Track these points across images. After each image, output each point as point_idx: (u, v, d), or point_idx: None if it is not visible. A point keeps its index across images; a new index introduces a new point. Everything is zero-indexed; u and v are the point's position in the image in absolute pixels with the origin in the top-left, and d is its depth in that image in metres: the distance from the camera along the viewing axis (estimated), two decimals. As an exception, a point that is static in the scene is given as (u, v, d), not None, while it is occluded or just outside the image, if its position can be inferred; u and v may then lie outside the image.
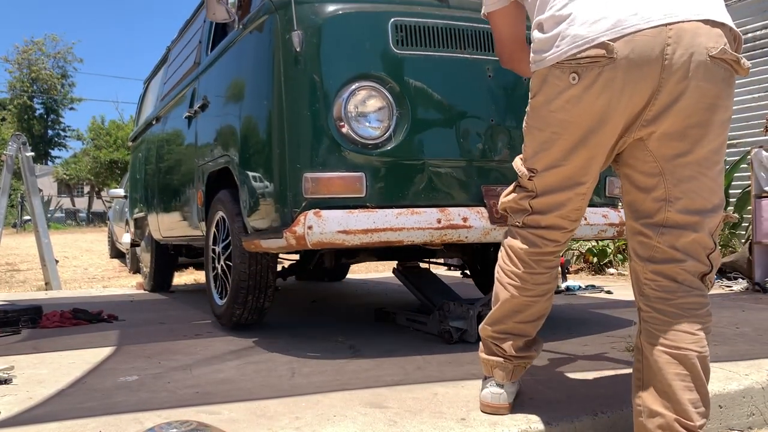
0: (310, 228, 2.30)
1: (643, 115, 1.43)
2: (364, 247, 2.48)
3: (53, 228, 23.90)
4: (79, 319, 3.53)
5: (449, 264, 5.30)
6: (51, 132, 45.86)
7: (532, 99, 1.57)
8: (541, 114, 1.53)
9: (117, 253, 10.59)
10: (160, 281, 5.25)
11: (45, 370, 2.37)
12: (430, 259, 3.64)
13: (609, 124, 1.45)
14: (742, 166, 5.52)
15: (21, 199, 27.04)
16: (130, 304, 4.42)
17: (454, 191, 2.55)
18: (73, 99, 45.79)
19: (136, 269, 7.42)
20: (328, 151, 2.41)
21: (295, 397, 1.91)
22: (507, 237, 1.71)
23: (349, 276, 6.08)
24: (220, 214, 3.14)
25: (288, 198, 2.42)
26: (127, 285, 6.44)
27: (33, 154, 6.93)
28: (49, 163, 46.24)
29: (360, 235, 2.33)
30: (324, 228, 2.30)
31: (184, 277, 6.75)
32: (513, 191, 1.68)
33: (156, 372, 2.29)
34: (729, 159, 5.52)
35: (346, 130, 2.40)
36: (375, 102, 2.43)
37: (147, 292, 5.28)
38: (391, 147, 2.45)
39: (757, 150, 4.65)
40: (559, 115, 1.48)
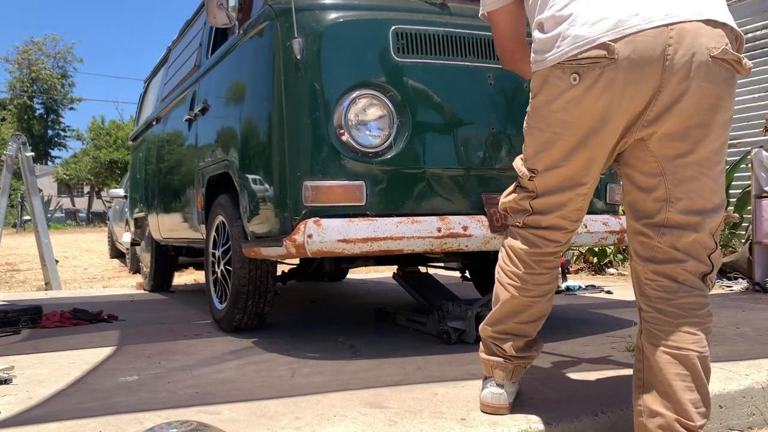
0: (310, 237, 2.29)
1: (644, 116, 1.43)
2: (364, 255, 2.48)
3: (53, 228, 23.90)
4: (79, 319, 3.53)
5: (448, 267, 5.29)
6: (51, 132, 45.87)
7: (532, 99, 1.56)
8: (542, 114, 1.53)
9: (117, 253, 10.59)
10: (160, 281, 5.25)
11: (45, 370, 2.37)
12: (429, 263, 3.64)
13: (610, 124, 1.45)
14: (742, 166, 5.52)
15: (21, 199, 27.05)
16: (130, 304, 4.42)
17: (454, 199, 2.54)
18: (73, 99, 45.83)
19: (136, 269, 7.41)
20: (329, 160, 2.40)
21: (295, 397, 1.91)
22: (507, 237, 1.71)
23: (349, 276, 6.08)
24: (220, 218, 3.14)
25: (288, 206, 2.42)
26: (127, 285, 6.43)
27: (33, 154, 6.93)
28: (49, 163, 46.25)
29: (360, 244, 2.32)
30: (324, 237, 2.30)
31: (184, 277, 6.75)
32: (513, 191, 1.68)
33: (156, 372, 2.29)
34: (729, 159, 5.52)
35: (346, 138, 2.40)
36: (376, 110, 2.43)
37: (147, 292, 5.28)
38: (392, 155, 2.45)
39: (757, 150, 4.64)
40: (560, 115, 1.48)
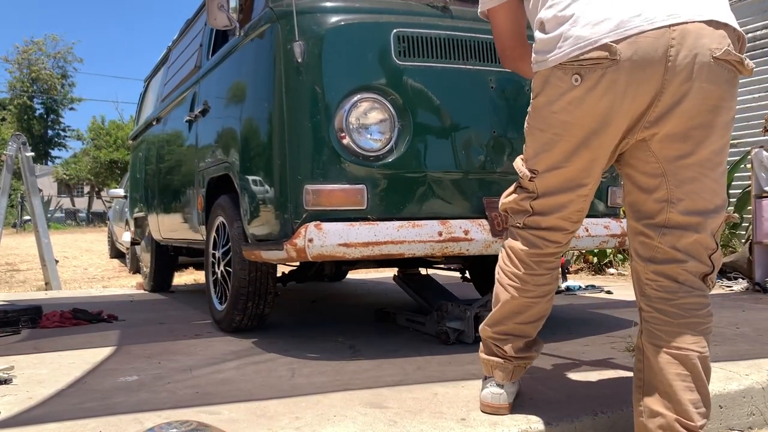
0: (311, 241, 2.29)
1: (645, 117, 1.42)
2: (365, 259, 2.47)
3: (53, 228, 23.90)
4: (79, 319, 3.53)
5: (448, 267, 5.29)
6: (51, 132, 45.86)
7: (533, 99, 1.56)
8: (543, 115, 1.52)
9: (117, 253, 10.59)
10: (160, 281, 5.25)
11: (45, 370, 2.37)
12: (429, 265, 3.63)
13: (612, 125, 1.44)
14: (742, 166, 5.52)
15: (21, 199, 27.04)
16: (130, 304, 4.42)
17: (455, 203, 2.54)
18: (73, 99, 45.82)
19: (136, 269, 7.41)
20: (330, 163, 2.39)
21: (295, 398, 1.91)
22: (507, 238, 1.70)
23: (348, 276, 6.07)
24: (220, 219, 3.14)
25: (289, 209, 2.42)
26: (127, 285, 6.43)
27: (33, 154, 6.93)
28: (49, 163, 46.25)
29: (361, 248, 2.32)
30: (325, 241, 2.29)
31: (184, 277, 6.75)
32: (513, 192, 1.67)
33: (156, 372, 2.29)
34: (729, 159, 5.47)
35: (347, 141, 2.39)
36: (377, 114, 2.42)
37: (147, 292, 5.28)
38: (393, 159, 2.44)
39: (757, 150, 4.64)
40: (561, 116, 1.47)
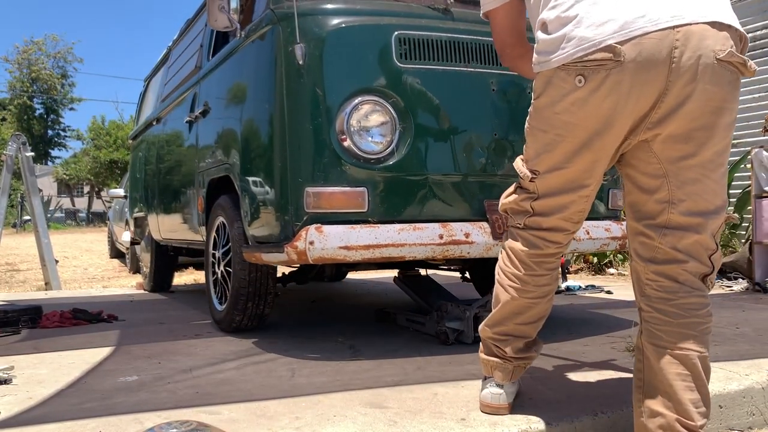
0: (312, 243, 2.29)
1: (648, 118, 1.42)
2: (366, 262, 2.47)
3: (53, 228, 23.90)
4: (79, 319, 3.53)
5: (448, 267, 5.28)
6: (51, 132, 45.85)
7: (535, 100, 1.55)
8: (545, 115, 1.52)
9: (117, 253, 10.59)
10: (160, 281, 5.25)
11: (45, 370, 2.37)
12: (430, 266, 3.63)
13: (615, 127, 1.44)
14: (742, 166, 5.52)
15: (21, 199, 27.04)
16: (130, 304, 4.42)
17: (456, 206, 2.54)
18: (73, 99, 45.80)
19: (136, 269, 7.41)
20: (331, 166, 2.39)
21: (295, 398, 1.91)
22: (507, 239, 1.70)
23: (349, 276, 6.06)
24: (221, 219, 3.14)
25: (289, 212, 2.42)
26: (127, 285, 6.43)
27: (33, 154, 6.93)
28: (49, 163, 46.23)
29: (362, 251, 2.32)
30: (325, 244, 2.29)
31: (184, 277, 6.75)
32: (514, 192, 1.67)
33: (156, 372, 2.29)
34: (729, 159, 5.50)
35: (348, 144, 2.39)
36: (378, 116, 2.42)
37: (147, 292, 5.28)
38: (394, 162, 2.44)
39: (757, 150, 4.64)
40: (564, 117, 1.47)
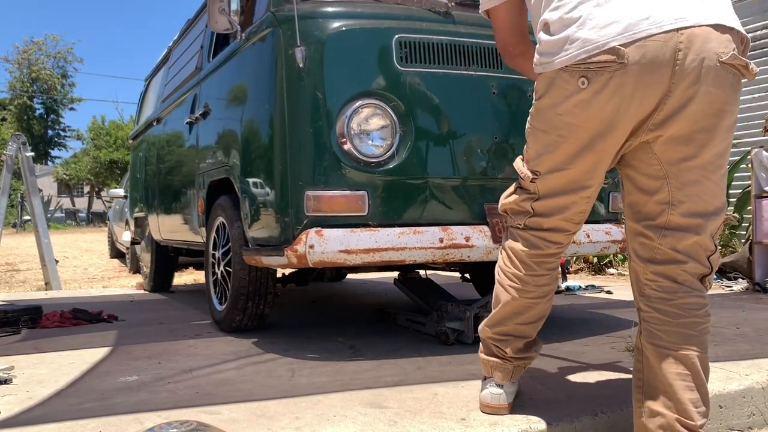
0: (312, 247, 2.29)
1: (651, 120, 1.42)
2: (366, 265, 2.47)
3: (53, 228, 23.89)
4: (79, 319, 3.53)
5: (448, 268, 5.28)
6: (51, 132, 45.82)
7: (536, 101, 1.55)
8: (547, 116, 1.51)
9: (117, 253, 10.59)
10: (160, 281, 5.25)
11: (45, 370, 2.37)
12: (430, 267, 3.63)
13: (617, 129, 1.44)
14: (742, 166, 5.52)
15: (21, 199, 27.04)
16: (130, 304, 4.42)
17: (456, 210, 2.53)
18: (73, 99, 45.78)
19: (136, 269, 7.41)
20: (331, 169, 2.39)
21: (295, 398, 1.92)
22: (507, 239, 1.70)
23: (349, 276, 6.07)
24: (220, 219, 3.14)
25: (289, 215, 2.41)
26: (127, 285, 6.44)
27: (33, 154, 6.93)
28: (49, 163, 46.22)
29: (362, 255, 2.32)
30: (325, 247, 2.29)
31: (184, 277, 6.75)
32: (514, 192, 1.67)
33: (156, 372, 2.29)
34: (729, 159, 5.51)
35: (348, 147, 2.39)
36: (378, 120, 2.42)
37: (147, 292, 5.28)
38: (394, 165, 2.43)
39: (757, 150, 4.64)
40: (566, 118, 1.47)
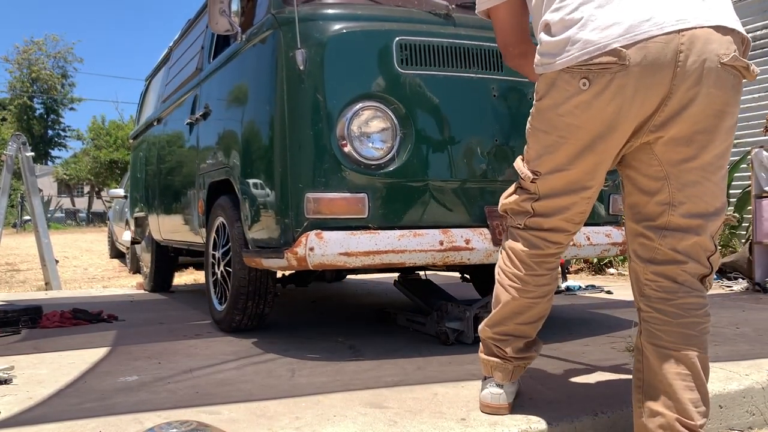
0: (312, 249, 2.29)
1: (651, 121, 1.42)
2: (366, 268, 2.47)
3: (53, 228, 23.89)
4: (79, 319, 3.53)
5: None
6: (51, 132, 45.83)
7: (537, 101, 1.54)
8: (548, 117, 1.51)
9: (117, 253, 10.59)
10: (160, 281, 5.25)
11: (45, 370, 2.37)
12: (429, 268, 3.62)
13: (618, 130, 1.44)
14: (742, 166, 5.52)
15: (21, 199, 27.04)
16: (130, 304, 4.42)
17: (457, 212, 2.53)
18: (73, 99, 45.78)
19: (136, 269, 7.41)
20: (331, 172, 2.39)
21: (295, 398, 1.92)
22: (507, 239, 1.70)
23: (349, 276, 6.07)
24: (220, 219, 3.13)
25: (290, 217, 2.41)
26: (127, 285, 6.44)
27: (33, 154, 6.93)
28: (49, 163, 46.21)
29: (362, 257, 2.31)
30: (326, 250, 2.29)
31: (184, 277, 6.75)
32: (514, 192, 1.66)
33: (156, 372, 2.29)
34: (729, 159, 5.51)
35: (348, 150, 2.38)
36: (379, 122, 2.41)
37: (147, 292, 5.28)
38: (394, 168, 2.43)
39: (758, 150, 4.64)
40: (567, 119, 1.47)
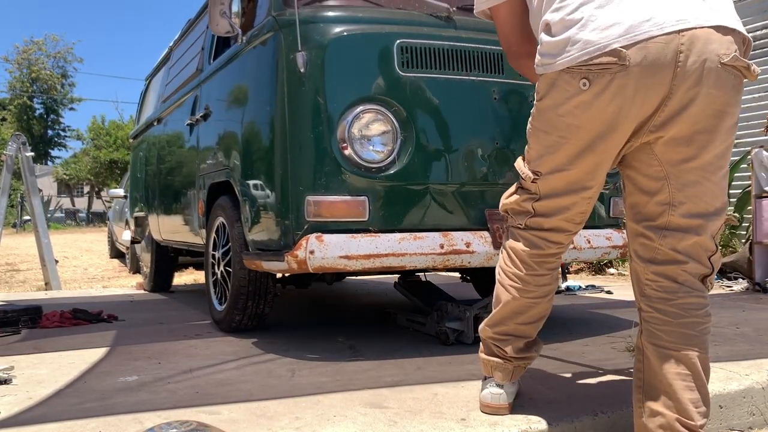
0: (312, 253, 2.29)
1: (651, 121, 1.42)
2: (366, 271, 2.47)
3: (53, 228, 23.89)
4: (79, 319, 3.53)
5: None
6: (51, 132, 45.81)
7: (538, 102, 1.54)
8: (548, 117, 1.51)
9: (117, 253, 10.59)
10: (160, 281, 5.24)
11: (45, 370, 2.37)
12: (429, 270, 3.62)
13: (618, 130, 1.44)
14: (742, 166, 5.52)
15: (21, 199, 27.03)
16: (130, 304, 4.42)
17: (457, 215, 2.53)
18: (73, 99, 45.76)
19: (136, 269, 7.41)
20: (332, 175, 2.38)
21: (295, 398, 1.92)
22: (508, 239, 1.70)
23: (349, 276, 6.07)
24: (220, 219, 3.13)
25: (290, 220, 2.41)
26: (127, 285, 6.43)
27: (33, 154, 6.93)
28: (49, 163, 46.20)
29: (362, 261, 2.31)
30: (326, 253, 2.29)
31: (184, 277, 6.74)
32: (515, 193, 1.67)
33: (156, 372, 2.29)
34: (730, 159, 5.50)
35: (349, 153, 2.38)
36: (379, 125, 2.41)
37: (147, 292, 5.28)
38: (395, 171, 2.43)
39: (758, 150, 4.64)
40: (568, 119, 1.46)
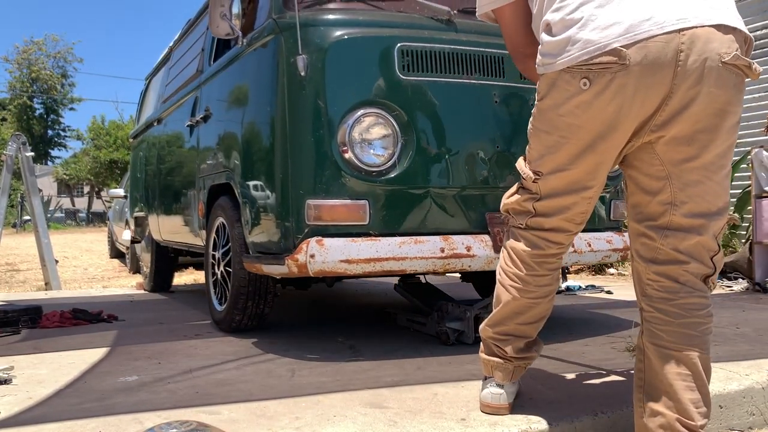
0: (313, 257, 2.28)
1: (652, 120, 1.42)
2: (367, 275, 2.47)
3: (53, 228, 23.88)
4: (79, 319, 3.53)
5: None
6: (51, 132, 45.80)
7: (539, 102, 1.54)
8: (549, 117, 1.51)
9: (117, 253, 10.59)
10: (160, 281, 5.24)
11: (45, 370, 2.37)
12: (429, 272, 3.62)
13: (619, 129, 1.43)
14: (742, 166, 5.52)
15: (21, 199, 27.03)
16: (130, 304, 4.42)
17: (458, 219, 2.52)
18: (73, 99, 45.74)
19: (136, 269, 7.41)
20: (332, 178, 2.38)
21: (295, 398, 1.91)
22: (509, 239, 1.70)
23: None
24: (220, 220, 3.13)
25: (290, 223, 2.41)
26: (127, 285, 6.43)
27: (33, 154, 6.93)
28: (49, 163, 46.19)
29: (363, 265, 2.31)
30: (326, 257, 2.29)
31: (184, 277, 6.74)
32: (516, 193, 1.67)
33: (156, 372, 2.29)
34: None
35: (349, 156, 2.38)
36: (380, 129, 2.40)
37: (147, 292, 5.28)
38: (395, 174, 2.42)
39: (758, 150, 4.64)
40: (568, 119, 1.46)
